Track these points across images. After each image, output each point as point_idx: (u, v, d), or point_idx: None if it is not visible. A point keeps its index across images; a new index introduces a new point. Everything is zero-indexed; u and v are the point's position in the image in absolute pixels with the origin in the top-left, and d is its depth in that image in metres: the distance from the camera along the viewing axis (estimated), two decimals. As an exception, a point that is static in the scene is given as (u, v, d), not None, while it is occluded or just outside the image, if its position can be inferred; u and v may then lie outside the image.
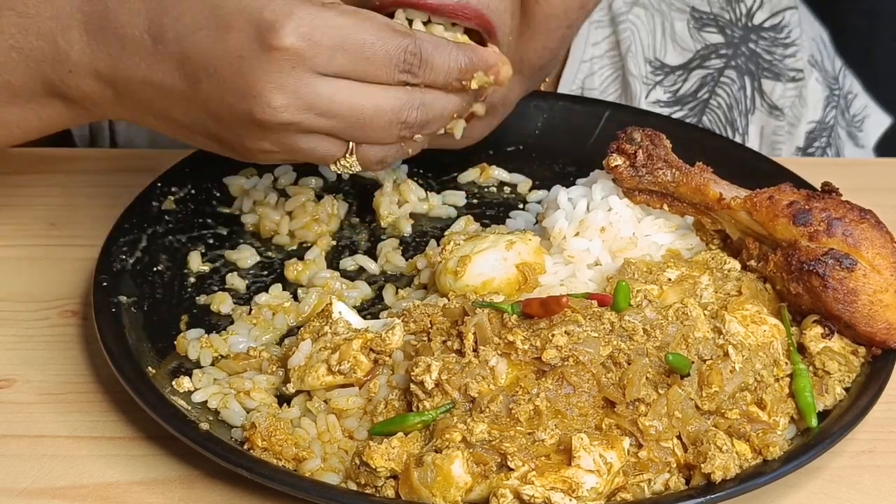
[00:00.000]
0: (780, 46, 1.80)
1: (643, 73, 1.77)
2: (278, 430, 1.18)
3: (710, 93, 1.79)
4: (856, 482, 1.21)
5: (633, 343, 1.20)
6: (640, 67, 1.77)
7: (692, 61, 1.78)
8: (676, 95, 1.79)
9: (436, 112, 1.27)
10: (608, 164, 1.35)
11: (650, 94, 1.78)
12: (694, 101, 1.79)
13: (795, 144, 1.81)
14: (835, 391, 1.24)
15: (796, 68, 1.80)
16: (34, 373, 1.31)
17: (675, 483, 1.16)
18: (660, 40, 1.78)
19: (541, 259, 1.33)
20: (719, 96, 1.79)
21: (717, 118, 1.80)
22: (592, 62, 1.78)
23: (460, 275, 1.31)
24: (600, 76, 1.78)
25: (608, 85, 1.78)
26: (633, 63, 1.76)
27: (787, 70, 1.80)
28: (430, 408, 1.17)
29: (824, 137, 1.83)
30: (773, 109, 1.79)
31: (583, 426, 1.15)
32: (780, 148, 1.80)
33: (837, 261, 1.25)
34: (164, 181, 1.49)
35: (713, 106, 1.79)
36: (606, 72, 1.78)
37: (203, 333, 1.32)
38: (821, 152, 1.83)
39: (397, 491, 1.14)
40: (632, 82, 1.76)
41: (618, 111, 1.64)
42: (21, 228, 1.52)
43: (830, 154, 1.84)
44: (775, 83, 1.79)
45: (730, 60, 1.79)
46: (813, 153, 1.82)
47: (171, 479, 1.19)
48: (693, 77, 1.79)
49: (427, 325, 1.26)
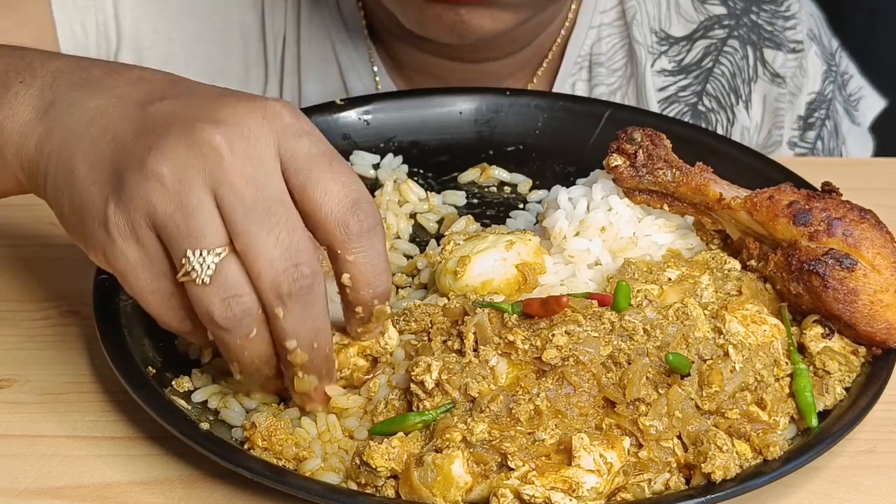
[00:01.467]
0: (781, 18, 1.84)
1: (649, 43, 1.80)
2: (278, 430, 1.18)
3: (713, 62, 1.82)
4: (856, 482, 1.21)
5: (633, 343, 1.20)
6: (646, 37, 1.80)
7: (696, 32, 1.82)
8: (681, 65, 1.82)
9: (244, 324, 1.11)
10: (608, 164, 1.35)
11: (655, 63, 1.81)
12: (698, 70, 1.82)
13: (797, 113, 1.84)
14: (835, 391, 1.24)
15: (796, 40, 1.83)
16: (34, 373, 1.31)
17: (676, 483, 1.16)
18: (664, 12, 1.82)
19: (541, 259, 1.33)
20: (723, 65, 1.82)
21: (720, 86, 1.83)
22: (601, 28, 1.81)
23: (460, 275, 1.31)
24: (608, 43, 1.81)
25: (615, 52, 1.81)
26: (638, 32, 1.79)
27: (787, 41, 1.83)
28: (430, 408, 1.17)
29: (823, 109, 1.86)
30: (776, 77, 1.83)
31: (583, 426, 1.15)
32: (783, 116, 1.83)
33: (837, 261, 1.25)
34: (164, 181, 1.49)
35: (717, 74, 1.83)
36: (614, 39, 1.81)
37: (203, 333, 1.33)
38: (820, 123, 1.86)
39: (397, 491, 1.14)
40: (637, 50, 1.79)
41: (618, 111, 1.64)
42: (21, 228, 1.52)
43: (829, 127, 1.87)
44: (777, 52, 1.83)
45: (732, 31, 1.82)
46: (813, 123, 1.85)
47: (171, 479, 1.19)
48: (697, 47, 1.82)
49: (427, 325, 1.26)
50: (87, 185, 1.12)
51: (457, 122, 1.62)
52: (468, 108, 1.64)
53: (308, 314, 1.11)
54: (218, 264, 1.08)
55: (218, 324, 1.09)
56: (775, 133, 1.84)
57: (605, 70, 1.81)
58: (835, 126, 1.89)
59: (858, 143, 1.94)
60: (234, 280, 1.09)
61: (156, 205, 1.08)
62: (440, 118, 1.59)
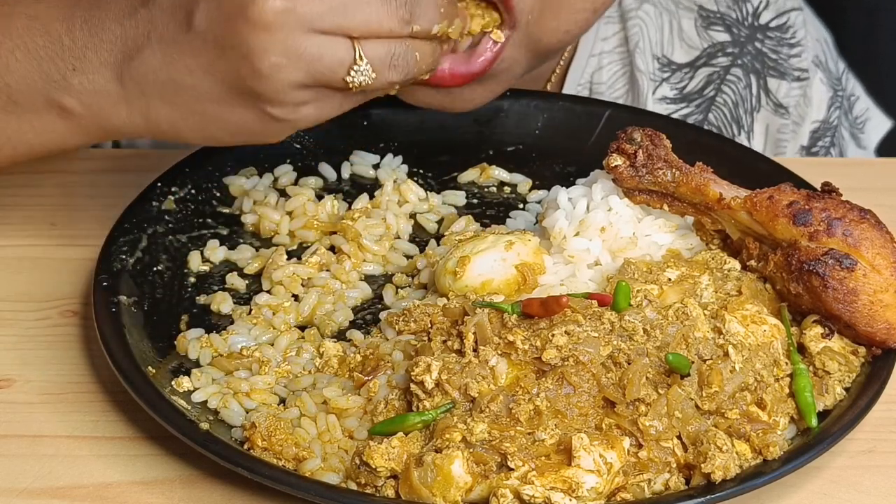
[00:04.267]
0: (786, 46, 1.81)
1: (651, 70, 1.79)
2: (278, 430, 1.18)
3: (716, 90, 1.80)
4: (856, 482, 1.21)
5: (633, 343, 1.20)
6: (648, 64, 1.78)
7: (699, 59, 1.80)
8: (683, 92, 1.80)
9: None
10: (608, 164, 1.35)
11: (657, 91, 1.79)
12: (700, 99, 1.80)
13: (800, 143, 1.82)
14: (835, 391, 1.24)
15: (801, 68, 1.81)
16: (34, 373, 1.31)
17: (675, 483, 1.16)
18: (667, 38, 1.80)
19: (540, 259, 1.33)
20: (725, 94, 1.80)
21: (722, 115, 1.81)
22: (601, 56, 1.79)
23: (459, 275, 1.31)
24: (608, 71, 1.79)
25: (616, 80, 1.79)
26: (640, 59, 1.77)
27: (791, 70, 1.81)
28: (430, 408, 1.17)
29: (828, 137, 1.83)
30: (779, 108, 1.80)
31: (583, 426, 1.15)
32: (785, 146, 1.81)
33: (837, 261, 1.25)
34: (164, 181, 1.49)
35: (719, 103, 1.80)
36: (615, 67, 1.79)
37: (203, 333, 1.32)
38: (824, 152, 1.84)
39: (397, 491, 1.14)
40: (639, 78, 1.78)
41: (618, 111, 1.64)
42: (21, 228, 1.52)
43: (834, 154, 1.85)
44: (780, 82, 1.80)
45: (736, 59, 1.80)
46: (817, 152, 1.83)
47: (171, 479, 1.19)
48: (699, 74, 1.80)
49: (427, 325, 1.26)
50: (234, 111, 1.26)
51: (457, 122, 1.62)
52: (468, 108, 1.64)
53: None
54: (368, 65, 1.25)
55: (403, 19, 1.25)
56: None
57: (606, 98, 1.79)
58: (840, 153, 1.87)
59: None
60: (385, 50, 1.26)
61: (291, 75, 1.23)
62: (440, 118, 1.59)
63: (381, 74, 1.27)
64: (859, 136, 1.92)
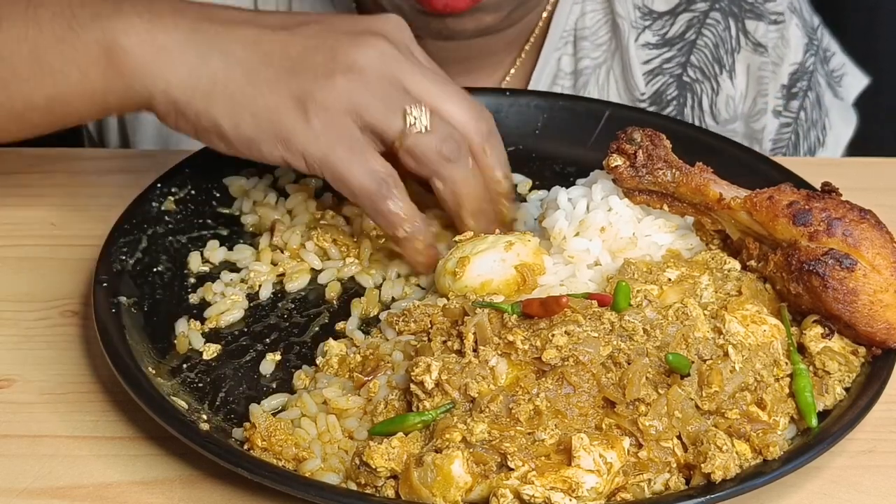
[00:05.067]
0: None
1: (632, 18, 1.83)
2: (278, 430, 1.18)
3: (696, 33, 1.85)
4: (856, 482, 1.21)
5: (633, 343, 1.20)
6: (630, 12, 1.83)
7: (679, 6, 1.85)
8: (665, 38, 1.85)
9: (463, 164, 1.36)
10: (608, 164, 1.35)
11: (639, 37, 1.84)
12: (682, 42, 1.85)
13: (780, 82, 1.87)
14: (835, 391, 1.24)
15: (777, 11, 1.86)
16: (34, 373, 1.31)
17: (675, 483, 1.16)
18: None
19: (540, 260, 1.33)
20: (706, 36, 1.85)
21: (704, 57, 1.85)
22: (584, 3, 1.83)
23: (459, 276, 1.31)
24: (592, 18, 1.84)
25: (599, 27, 1.83)
26: (621, 6, 1.82)
27: (768, 13, 1.86)
28: (430, 408, 1.17)
29: (804, 81, 1.89)
30: (758, 47, 1.85)
31: (583, 426, 1.15)
32: (766, 84, 1.86)
33: (837, 261, 1.25)
34: (164, 181, 1.49)
35: (700, 46, 1.85)
36: (598, 15, 1.84)
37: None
38: (802, 94, 1.89)
39: (397, 491, 1.14)
40: (621, 24, 1.82)
41: (618, 111, 1.64)
42: (21, 228, 1.52)
43: (811, 98, 1.90)
44: (758, 23, 1.86)
45: (714, 3, 1.85)
46: (796, 93, 1.88)
47: (171, 479, 1.19)
48: (680, 20, 1.85)
49: (427, 325, 1.26)
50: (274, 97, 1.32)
51: (457, 123, 1.62)
52: (468, 108, 1.64)
53: (501, 149, 1.41)
54: (431, 116, 1.33)
55: (446, 156, 1.34)
56: (760, 101, 1.87)
57: (590, 44, 1.83)
58: (817, 97, 1.92)
59: (841, 117, 1.97)
60: (446, 125, 1.35)
61: (356, 99, 1.31)
62: (440, 118, 1.59)
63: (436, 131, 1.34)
64: (836, 87, 1.97)
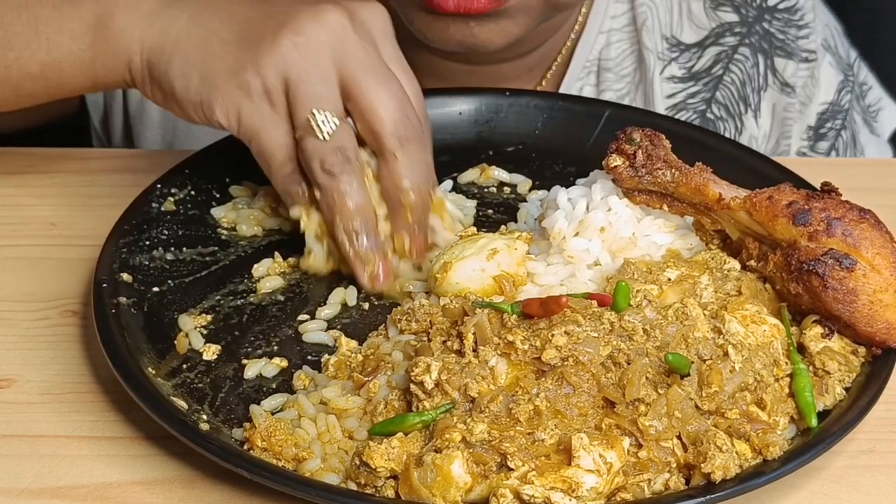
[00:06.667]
0: (794, 27, 1.83)
1: (659, 49, 1.80)
2: (278, 430, 1.18)
3: (724, 69, 1.82)
4: (856, 482, 1.21)
5: (632, 343, 1.20)
6: (657, 43, 1.79)
7: (707, 39, 1.82)
8: (691, 71, 1.82)
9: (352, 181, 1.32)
10: (608, 164, 1.35)
11: (665, 70, 1.80)
12: (708, 77, 1.82)
13: (806, 123, 1.83)
14: (835, 391, 1.24)
15: (809, 49, 1.83)
16: (34, 373, 1.31)
17: (675, 483, 1.16)
18: (676, 18, 1.82)
19: (523, 269, 1.33)
20: (733, 73, 1.82)
21: (730, 94, 1.82)
22: (610, 34, 1.80)
23: (440, 281, 1.31)
24: (617, 48, 1.81)
25: (624, 58, 1.81)
26: (648, 38, 1.79)
27: (799, 51, 1.82)
28: (430, 408, 1.17)
29: (839, 120, 1.85)
30: (785, 87, 1.82)
31: (583, 426, 1.15)
32: (791, 126, 1.83)
33: (837, 261, 1.25)
34: (164, 182, 1.49)
35: (727, 82, 1.82)
36: (623, 45, 1.81)
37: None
38: (835, 134, 1.85)
39: (397, 491, 1.14)
40: (647, 56, 1.79)
41: (618, 111, 1.64)
42: (21, 228, 1.52)
43: (845, 137, 1.86)
44: (787, 62, 1.82)
45: (744, 38, 1.81)
46: (825, 134, 1.84)
47: (171, 479, 1.19)
48: (708, 54, 1.82)
49: (427, 325, 1.26)
50: (221, 56, 1.32)
51: (457, 123, 1.62)
52: (468, 108, 1.64)
53: (420, 157, 1.33)
54: (338, 125, 1.30)
55: (328, 170, 1.30)
56: (783, 143, 1.84)
57: (614, 75, 1.80)
58: (852, 136, 1.88)
59: (878, 153, 1.93)
60: (348, 138, 1.31)
61: (291, 67, 1.29)
62: (440, 118, 1.59)
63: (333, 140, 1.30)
64: (872, 123, 1.93)
